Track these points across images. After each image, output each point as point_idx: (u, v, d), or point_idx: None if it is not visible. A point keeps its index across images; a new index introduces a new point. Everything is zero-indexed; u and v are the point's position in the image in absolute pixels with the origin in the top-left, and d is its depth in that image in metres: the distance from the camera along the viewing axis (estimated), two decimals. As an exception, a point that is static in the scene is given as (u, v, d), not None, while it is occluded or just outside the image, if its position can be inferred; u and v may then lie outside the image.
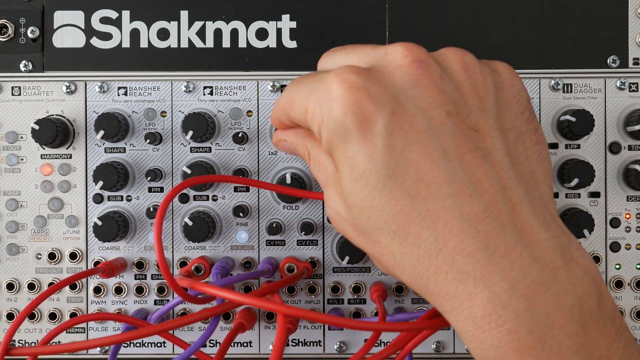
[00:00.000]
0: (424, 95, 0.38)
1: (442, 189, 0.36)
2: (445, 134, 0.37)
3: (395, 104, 0.37)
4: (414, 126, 0.37)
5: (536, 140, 0.41)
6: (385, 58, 0.39)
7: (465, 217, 0.36)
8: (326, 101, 0.38)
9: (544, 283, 0.36)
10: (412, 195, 0.36)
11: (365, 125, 0.37)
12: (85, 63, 0.59)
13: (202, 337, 0.49)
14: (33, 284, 0.59)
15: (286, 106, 0.43)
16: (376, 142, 0.37)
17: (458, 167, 0.37)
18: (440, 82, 0.38)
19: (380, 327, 0.44)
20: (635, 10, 0.59)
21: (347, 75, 0.37)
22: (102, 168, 0.57)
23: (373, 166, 0.37)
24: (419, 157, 0.37)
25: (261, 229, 0.59)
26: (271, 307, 0.43)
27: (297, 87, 0.41)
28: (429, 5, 0.59)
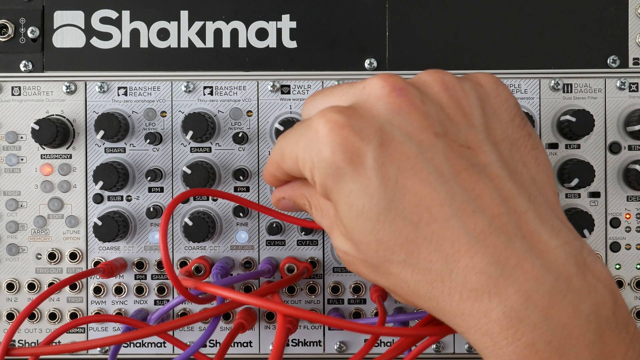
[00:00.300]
0: (409, 121, 0.38)
1: (444, 210, 0.36)
2: (437, 156, 0.37)
3: (382, 135, 0.37)
4: (404, 153, 0.37)
5: (531, 145, 0.41)
6: (364, 92, 0.39)
7: (472, 234, 0.36)
8: (314, 145, 0.38)
9: (559, 292, 0.35)
10: (415, 221, 0.37)
11: (356, 161, 0.37)
12: (85, 63, 0.59)
13: (202, 337, 0.49)
14: (33, 284, 0.59)
15: (277, 160, 0.43)
16: (370, 176, 0.37)
17: (455, 186, 0.37)
18: (422, 106, 0.38)
19: (379, 331, 0.44)
20: (635, 10, 0.59)
21: (330, 115, 0.38)
22: (102, 168, 0.57)
23: (371, 200, 0.37)
24: (415, 183, 0.37)
25: (261, 229, 0.59)
26: (272, 307, 0.43)
27: (285, 139, 0.42)
28: (429, 6, 0.59)
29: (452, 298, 0.37)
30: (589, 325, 0.35)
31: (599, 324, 0.36)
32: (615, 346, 0.36)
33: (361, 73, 0.59)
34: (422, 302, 0.39)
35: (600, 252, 0.59)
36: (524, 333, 0.35)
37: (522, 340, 0.35)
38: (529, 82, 0.59)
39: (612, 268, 0.59)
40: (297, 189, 0.46)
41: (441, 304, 0.37)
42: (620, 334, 0.36)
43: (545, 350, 0.35)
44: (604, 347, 0.35)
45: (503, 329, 0.35)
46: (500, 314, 0.35)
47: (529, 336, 0.35)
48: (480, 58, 0.59)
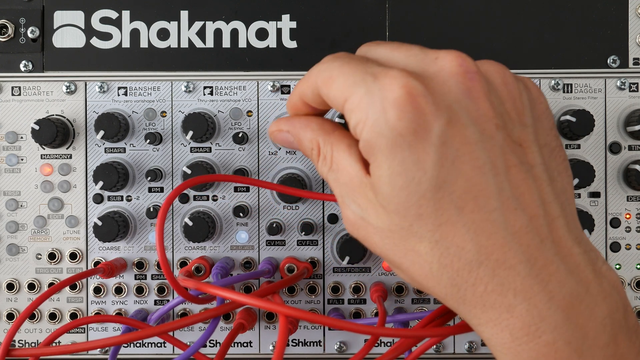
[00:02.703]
0: (477, 107, 0.37)
1: (490, 202, 0.37)
2: (495, 147, 0.37)
3: (450, 113, 0.37)
4: (466, 137, 0.37)
5: (563, 156, 0.41)
6: (436, 64, 0.38)
7: (510, 230, 0.36)
8: (379, 101, 0.37)
9: (579, 295, 0.36)
10: (460, 206, 0.37)
11: (420, 133, 0.36)
12: (85, 63, 0.59)
13: (202, 337, 0.49)
14: (33, 284, 0.59)
15: (319, 80, 0.40)
16: (429, 151, 0.36)
17: (505, 180, 0.37)
18: (489, 95, 0.38)
19: (379, 332, 0.44)
20: (635, 10, 0.59)
21: (407, 80, 0.36)
22: (102, 168, 0.57)
23: (423, 174, 0.36)
24: (469, 169, 0.37)
25: (261, 229, 0.59)
26: (273, 307, 0.43)
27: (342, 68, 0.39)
28: (429, 6, 0.59)
29: (476, 288, 0.37)
30: (604, 328, 0.36)
31: (613, 327, 0.37)
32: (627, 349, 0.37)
33: (361, 73, 0.59)
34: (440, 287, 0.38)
35: (601, 252, 0.59)
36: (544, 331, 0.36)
37: (542, 338, 0.36)
38: (529, 82, 0.59)
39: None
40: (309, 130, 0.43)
41: (462, 292, 0.37)
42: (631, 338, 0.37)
43: (564, 350, 0.36)
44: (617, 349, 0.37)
45: (524, 326, 0.36)
46: (524, 310, 0.36)
47: (550, 335, 0.36)
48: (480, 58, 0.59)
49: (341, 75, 0.39)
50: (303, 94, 0.43)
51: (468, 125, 0.37)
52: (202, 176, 0.50)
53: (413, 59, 0.39)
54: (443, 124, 0.36)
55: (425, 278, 0.39)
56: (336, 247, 0.58)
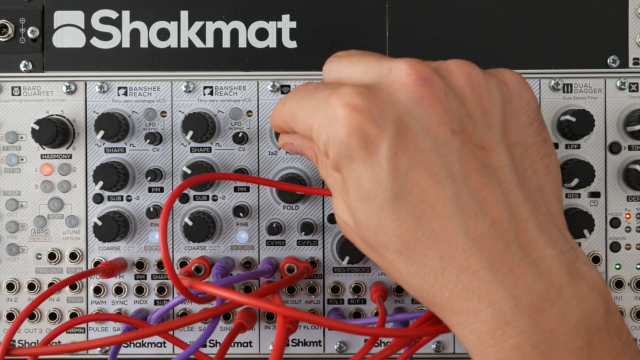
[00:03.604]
0: (428, 114, 0.37)
1: (447, 210, 0.37)
2: (451, 153, 0.37)
3: (399, 125, 0.37)
4: (418, 146, 0.37)
5: (544, 152, 0.41)
6: (389, 75, 0.39)
7: (470, 236, 0.36)
8: (330, 123, 0.38)
9: (549, 300, 0.36)
10: (417, 216, 0.37)
11: (370, 147, 0.37)
12: (85, 63, 0.59)
13: (202, 337, 0.49)
14: (33, 284, 0.59)
15: (287, 119, 0.43)
16: (381, 164, 0.37)
17: (463, 186, 0.37)
18: (445, 99, 0.38)
19: (377, 332, 0.44)
20: (635, 10, 0.59)
21: (351, 97, 0.37)
22: (102, 168, 0.57)
23: (379, 187, 0.37)
24: (424, 178, 0.37)
25: (261, 229, 0.59)
26: (271, 308, 0.43)
27: (299, 102, 0.41)
28: (429, 6, 0.59)
29: (442, 294, 0.37)
30: (577, 332, 0.36)
31: (588, 331, 0.36)
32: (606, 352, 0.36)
33: (361, 73, 0.59)
34: (412, 290, 0.39)
35: (600, 252, 0.59)
36: (510, 336, 0.36)
37: (507, 342, 0.36)
38: (529, 82, 0.59)
39: (612, 268, 0.59)
40: (307, 142, 0.45)
41: (431, 297, 0.38)
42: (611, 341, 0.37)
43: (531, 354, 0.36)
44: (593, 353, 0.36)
45: (490, 330, 0.36)
46: (489, 315, 0.36)
47: (516, 339, 0.36)
48: (480, 58, 0.59)
49: (300, 110, 0.41)
50: (280, 127, 0.45)
51: (420, 134, 0.37)
52: (204, 175, 0.50)
53: (370, 72, 0.40)
54: (392, 136, 0.37)
55: (400, 282, 0.40)
56: (336, 247, 0.58)
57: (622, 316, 0.39)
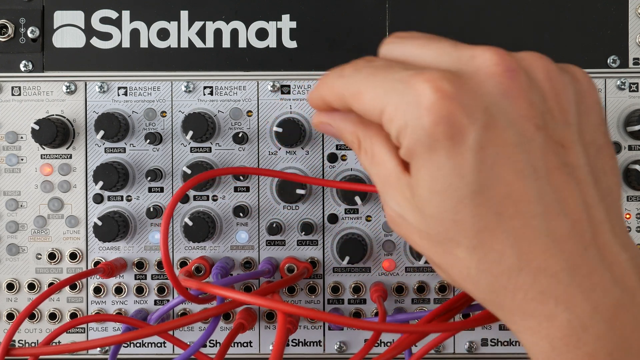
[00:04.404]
0: (516, 108, 0.36)
1: (531, 208, 0.35)
2: (535, 149, 0.36)
3: (487, 117, 0.35)
4: (505, 140, 0.35)
5: (612, 154, 0.39)
6: (474, 63, 0.37)
7: (552, 237, 0.35)
8: (413, 108, 0.35)
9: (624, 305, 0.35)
10: (499, 211, 0.35)
11: (457, 137, 0.35)
12: (85, 63, 0.59)
13: (202, 337, 0.49)
14: (33, 284, 0.59)
15: (347, 94, 0.39)
16: (467, 156, 0.35)
17: (546, 184, 0.36)
18: (530, 94, 0.36)
19: (381, 327, 0.44)
20: (635, 10, 0.59)
21: (440, 82, 0.35)
22: (102, 168, 0.57)
23: (461, 180, 0.35)
24: (509, 174, 0.35)
25: (261, 229, 0.59)
26: (274, 305, 0.43)
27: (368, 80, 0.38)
28: (429, 6, 0.59)
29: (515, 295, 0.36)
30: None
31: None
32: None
33: (361, 73, 0.59)
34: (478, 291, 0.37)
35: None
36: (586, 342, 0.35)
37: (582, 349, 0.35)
38: (529, 82, 0.59)
39: (612, 268, 0.59)
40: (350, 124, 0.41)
41: (501, 298, 0.36)
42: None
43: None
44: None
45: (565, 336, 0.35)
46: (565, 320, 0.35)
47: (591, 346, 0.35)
48: (480, 58, 0.59)
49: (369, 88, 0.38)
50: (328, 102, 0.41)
51: (507, 128, 0.35)
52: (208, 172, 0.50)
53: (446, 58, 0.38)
54: (480, 128, 0.35)
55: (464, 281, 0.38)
56: (336, 247, 0.58)
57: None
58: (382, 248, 0.59)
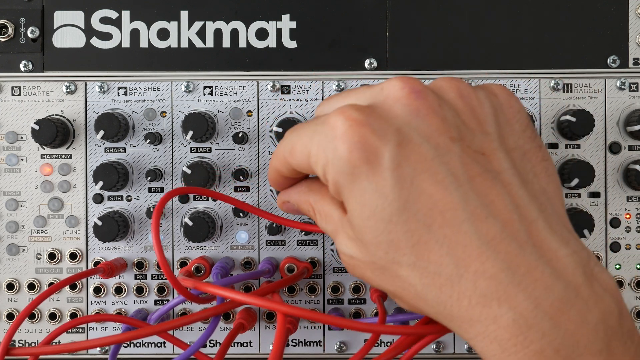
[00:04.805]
0: (427, 124, 0.38)
1: (457, 214, 0.36)
2: (453, 160, 0.37)
3: (399, 136, 0.37)
4: (421, 155, 0.37)
5: (542, 157, 0.41)
6: (382, 93, 0.39)
7: (484, 239, 0.36)
8: (330, 141, 0.38)
9: (568, 301, 0.35)
10: (428, 223, 0.36)
11: (373, 160, 0.37)
12: (85, 63, 0.59)
13: (202, 337, 0.49)
14: (33, 284, 0.59)
15: (285, 154, 0.42)
16: (385, 176, 0.37)
17: (470, 190, 0.37)
18: (440, 110, 0.38)
19: (380, 329, 0.44)
20: (635, 10, 0.59)
21: (349, 112, 0.37)
22: (102, 168, 0.57)
23: (385, 200, 0.37)
24: (430, 185, 0.37)
25: (261, 229, 0.59)
26: (273, 306, 0.43)
27: (297, 133, 0.41)
28: (429, 6, 0.59)
29: (460, 303, 0.36)
30: (596, 334, 0.35)
31: (606, 333, 0.36)
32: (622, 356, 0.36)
33: (361, 73, 0.59)
34: (428, 307, 0.38)
35: (600, 252, 0.59)
36: (532, 340, 0.35)
37: (530, 348, 0.35)
38: (529, 82, 0.59)
39: (612, 268, 0.59)
40: (302, 195, 0.45)
41: (449, 309, 0.37)
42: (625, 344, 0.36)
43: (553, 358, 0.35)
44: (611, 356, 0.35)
45: (512, 336, 0.35)
46: (510, 320, 0.35)
47: (538, 343, 0.35)
48: (480, 58, 0.59)
49: (299, 139, 0.41)
50: (278, 171, 0.45)
51: (421, 143, 0.37)
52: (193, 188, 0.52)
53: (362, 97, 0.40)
54: (393, 147, 0.37)
55: (414, 300, 0.39)
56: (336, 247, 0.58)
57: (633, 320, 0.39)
58: (382, 248, 0.59)
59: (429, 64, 0.59)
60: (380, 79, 0.59)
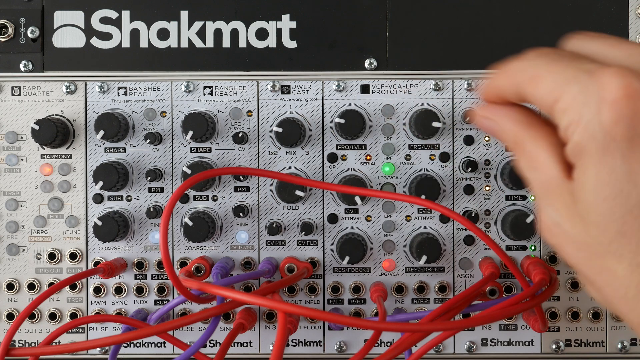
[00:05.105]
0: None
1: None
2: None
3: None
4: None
5: None
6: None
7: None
8: (595, 101, 0.33)
9: None
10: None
11: (637, 141, 0.33)
12: (85, 63, 0.59)
13: (202, 337, 0.49)
14: (33, 284, 0.59)
15: (523, 78, 0.37)
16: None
17: None
18: None
19: (382, 326, 0.44)
20: (635, 10, 0.59)
21: (630, 80, 0.33)
22: (102, 168, 0.57)
23: (634, 188, 0.33)
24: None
25: (261, 229, 0.59)
26: (275, 305, 0.43)
27: (550, 65, 0.36)
28: (429, 6, 0.59)
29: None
30: None
31: None
32: None
33: (361, 73, 0.59)
34: (633, 315, 0.35)
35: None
36: None
37: None
38: (529, 82, 0.59)
39: (612, 268, 0.59)
40: (516, 125, 0.39)
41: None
42: None
43: None
44: None
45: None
46: None
47: None
48: (480, 58, 0.59)
49: (550, 73, 0.36)
50: (501, 90, 0.39)
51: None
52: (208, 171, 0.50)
53: (637, 59, 0.36)
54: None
55: (619, 302, 0.35)
56: (336, 247, 0.58)
57: None
58: (382, 248, 0.59)
59: (429, 64, 0.59)
60: (380, 79, 0.59)
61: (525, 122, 0.39)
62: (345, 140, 0.59)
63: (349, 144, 0.59)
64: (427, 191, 0.56)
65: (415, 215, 0.59)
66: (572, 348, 0.59)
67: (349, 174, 0.58)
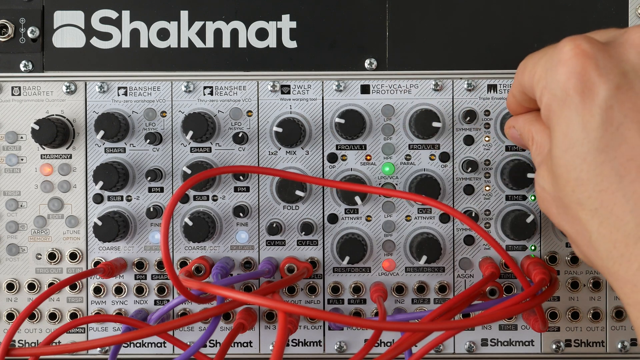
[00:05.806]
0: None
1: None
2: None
3: (622, 79, 0.37)
4: (636, 105, 0.36)
5: None
6: (623, 36, 0.39)
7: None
8: (553, 64, 0.38)
9: None
10: (621, 174, 0.36)
11: (587, 93, 0.37)
12: (85, 63, 0.59)
13: (203, 337, 0.49)
14: (33, 284, 0.59)
15: (518, 73, 0.44)
16: (594, 113, 0.36)
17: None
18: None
19: (382, 325, 0.44)
20: (635, 10, 0.59)
21: (580, 42, 0.38)
22: (102, 168, 0.57)
23: (586, 136, 0.36)
24: (635, 137, 0.36)
25: (261, 229, 0.59)
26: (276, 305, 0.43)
27: (532, 56, 0.42)
28: (429, 5, 0.59)
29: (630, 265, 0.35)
30: None
31: None
32: None
33: (361, 73, 0.59)
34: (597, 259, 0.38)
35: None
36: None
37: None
38: (529, 82, 0.59)
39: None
40: (527, 123, 0.46)
41: (617, 267, 0.36)
42: None
43: None
44: None
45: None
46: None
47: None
48: (480, 58, 0.59)
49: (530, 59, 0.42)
50: (513, 93, 0.46)
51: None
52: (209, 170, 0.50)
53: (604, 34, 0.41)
54: (611, 88, 0.36)
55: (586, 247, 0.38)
56: (336, 247, 0.58)
57: None
58: (382, 248, 0.59)
59: (429, 64, 0.59)
60: (380, 79, 0.59)
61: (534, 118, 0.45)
62: (345, 140, 0.59)
63: (349, 144, 0.59)
64: (427, 191, 0.56)
65: (415, 215, 0.59)
66: (572, 348, 0.59)
67: (349, 174, 0.58)
